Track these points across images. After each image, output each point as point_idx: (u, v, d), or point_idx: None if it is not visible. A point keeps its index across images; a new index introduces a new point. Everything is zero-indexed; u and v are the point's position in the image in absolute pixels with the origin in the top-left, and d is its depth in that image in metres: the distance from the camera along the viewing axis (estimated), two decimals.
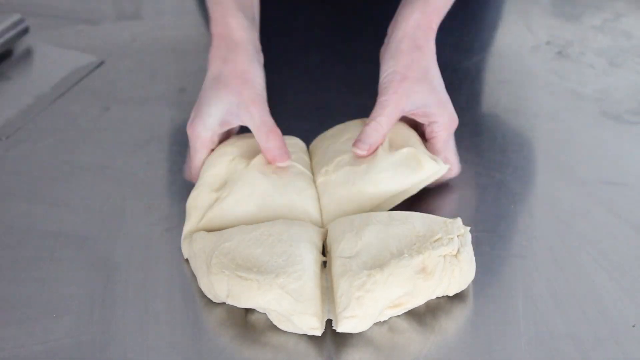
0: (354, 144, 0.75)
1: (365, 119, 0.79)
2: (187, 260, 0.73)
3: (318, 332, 0.64)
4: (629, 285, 0.71)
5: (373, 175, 0.74)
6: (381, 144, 0.76)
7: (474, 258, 0.69)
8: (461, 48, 1.09)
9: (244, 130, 0.79)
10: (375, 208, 0.75)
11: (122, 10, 1.18)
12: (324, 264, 0.70)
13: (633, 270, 0.72)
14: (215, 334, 0.67)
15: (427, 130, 0.79)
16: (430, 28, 0.79)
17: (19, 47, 1.07)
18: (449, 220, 0.70)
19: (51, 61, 1.05)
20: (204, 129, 0.76)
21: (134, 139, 0.90)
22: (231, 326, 0.67)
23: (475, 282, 0.70)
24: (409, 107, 0.76)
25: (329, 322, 0.66)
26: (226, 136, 0.80)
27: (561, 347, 0.65)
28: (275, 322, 0.65)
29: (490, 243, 0.75)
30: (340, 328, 0.63)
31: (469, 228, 0.70)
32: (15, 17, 1.05)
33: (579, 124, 0.94)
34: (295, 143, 0.82)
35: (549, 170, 0.86)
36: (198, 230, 0.73)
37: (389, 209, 0.76)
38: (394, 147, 0.76)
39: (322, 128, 0.91)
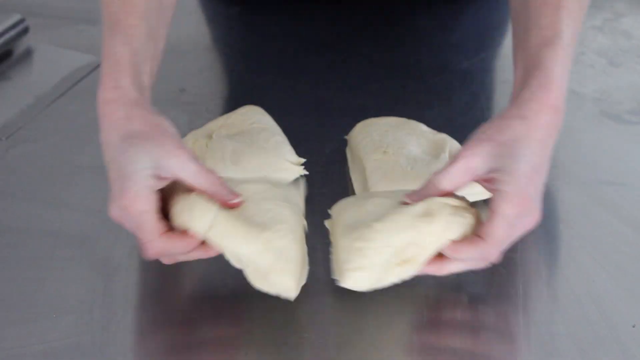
0: (407, 196, 0.67)
1: (419, 123, 0.82)
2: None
3: (292, 295, 0.63)
4: (629, 285, 0.71)
5: (432, 168, 0.75)
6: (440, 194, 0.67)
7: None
8: (461, 48, 1.09)
9: None
10: None
11: None
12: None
13: (633, 270, 0.72)
14: (211, 328, 0.67)
15: (490, 203, 0.65)
16: (547, 104, 0.67)
17: (19, 47, 1.06)
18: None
19: (51, 61, 1.05)
20: (138, 192, 0.63)
21: None
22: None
23: (475, 282, 0.70)
24: (481, 168, 0.65)
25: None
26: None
27: (561, 347, 0.65)
28: (250, 279, 0.64)
29: None
30: (345, 282, 0.62)
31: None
32: (16, 17, 1.05)
33: (579, 124, 0.94)
34: (250, 110, 0.85)
35: (549, 170, 0.85)
36: None
37: None
38: None
39: (322, 128, 0.91)
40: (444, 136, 0.81)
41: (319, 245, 0.75)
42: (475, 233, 0.64)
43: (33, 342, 0.65)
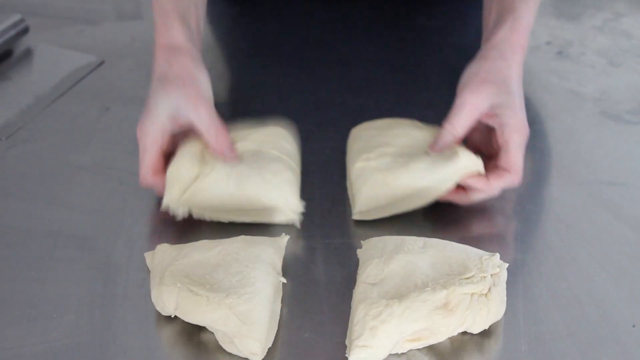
0: (430, 147, 0.78)
1: (415, 122, 0.83)
2: None
3: (257, 358, 0.63)
4: (629, 286, 0.71)
5: (410, 164, 0.76)
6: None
7: (505, 298, 0.66)
8: (461, 48, 1.09)
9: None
10: (408, 199, 0.76)
11: (122, 10, 1.18)
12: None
13: (633, 271, 0.72)
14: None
15: (499, 135, 0.77)
16: (518, 44, 0.81)
17: (19, 47, 1.07)
18: (485, 256, 0.67)
19: (51, 61, 1.05)
20: (152, 125, 0.76)
21: (134, 139, 0.90)
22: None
23: None
24: (484, 106, 0.77)
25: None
26: (174, 142, 0.79)
27: (561, 347, 0.65)
28: (220, 343, 0.64)
29: (490, 243, 0.75)
30: (352, 356, 0.62)
31: (506, 265, 0.67)
32: (16, 17, 1.05)
33: (579, 124, 0.94)
34: (276, 132, 0.83)
35: (549, 170, 0.86)
36: (178, 200, 0.76)
37: (422, 203, 0.77)
38: None
39: (322, 128, 0.91)
40: (435, 128, 0.81)
41: (319, 246, 0.75)
42: (498, 166, 0.76)
43: (33, 342, 0.65)
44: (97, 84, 1.01)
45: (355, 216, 0.77)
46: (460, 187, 0.77)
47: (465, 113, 0.77)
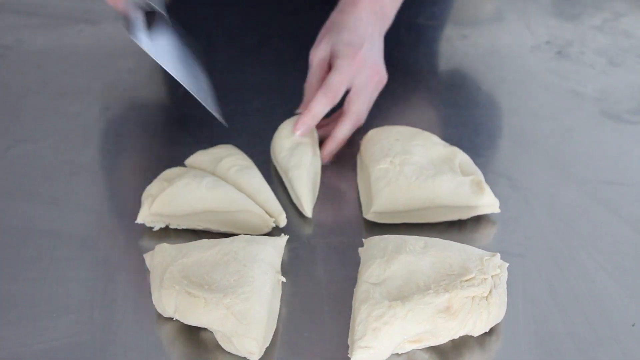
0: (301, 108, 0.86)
1: (434, 136, 0.83)
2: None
3: (254, 358, 0.63)
4: (629, 285, 0.71)
5: (437, 179, 0.76)
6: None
7: (505, 300, 0.66)
8: (461, 47, 1.09)
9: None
10: (423, 212, 0.77)
11: None
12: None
13: (633, 270, 0.72)
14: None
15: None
16: None
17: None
18: (486, 256, 0.67)
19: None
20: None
21: (134, 138, 0.90)
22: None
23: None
24: (322, 54, 0.87)
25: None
26: None
27: (561, 347, 0.65)
28: (220, 342, 0.64)
29: (490, 243, 0.76)
30: (354, 357, 0.62)
31: (506, 265, 0.68)
32: None
33: (578, 123, 0.94)
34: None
35: (549, 170, 0.86)
36: (151, 215, 0.75)
37: (431, 220, 0.77)
38: (463, 173, 0.79)
39: None
40: (454, 149, 0.81)
41: (318, 245, 0.75)
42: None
43: (34, 342, 0.65)
44: (96, 83, 1.01)
45: (369, 216, 0.77)
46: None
47: (313, 69, 0.87)
